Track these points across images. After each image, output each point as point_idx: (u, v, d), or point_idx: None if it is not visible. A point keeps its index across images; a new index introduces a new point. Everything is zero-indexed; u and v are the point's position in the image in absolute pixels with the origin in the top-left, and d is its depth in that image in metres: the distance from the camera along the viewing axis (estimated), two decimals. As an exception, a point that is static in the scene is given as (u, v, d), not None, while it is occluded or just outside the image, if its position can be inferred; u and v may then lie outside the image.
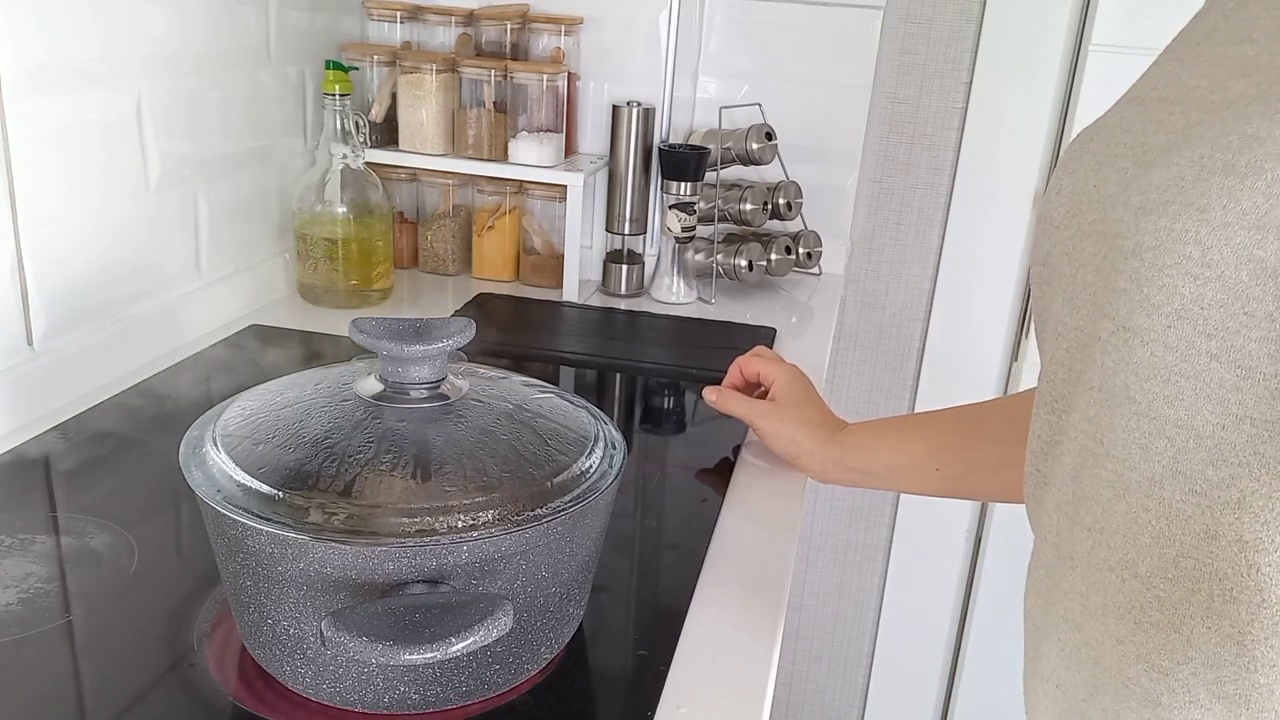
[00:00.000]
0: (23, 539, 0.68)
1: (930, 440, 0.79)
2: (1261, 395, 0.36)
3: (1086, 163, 0.43)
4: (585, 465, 0.56)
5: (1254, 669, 0.37)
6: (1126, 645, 0.41)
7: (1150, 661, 0.40)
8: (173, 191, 1.00)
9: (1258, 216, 0.35)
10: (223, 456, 0.54)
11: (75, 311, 0.90)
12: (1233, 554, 0.37)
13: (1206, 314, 0.36)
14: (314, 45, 1.22)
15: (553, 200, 1.31)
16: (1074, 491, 0.44)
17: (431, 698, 0.53)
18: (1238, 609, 0.37)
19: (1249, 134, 0.36)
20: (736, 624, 0.65)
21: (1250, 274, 0.35)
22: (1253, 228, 0.35)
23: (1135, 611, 0.41)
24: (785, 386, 0.86)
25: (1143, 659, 0.41)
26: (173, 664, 0.57)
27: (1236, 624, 0.37)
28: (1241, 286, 0.35)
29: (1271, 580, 0.37)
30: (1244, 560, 0.37)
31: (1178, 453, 0.38)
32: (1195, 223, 0.37)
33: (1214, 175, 0.37)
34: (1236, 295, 0.35)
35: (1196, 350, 0.37)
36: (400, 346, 0.56)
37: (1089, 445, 0.43)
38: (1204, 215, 0.36)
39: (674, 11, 1.32)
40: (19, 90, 0.80)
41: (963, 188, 1.43)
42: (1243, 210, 0.35)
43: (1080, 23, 1.34)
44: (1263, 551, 0.37)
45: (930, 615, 1.64)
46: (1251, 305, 0.35)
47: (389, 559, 0.49)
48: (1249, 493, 0.36)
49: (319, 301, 1.17)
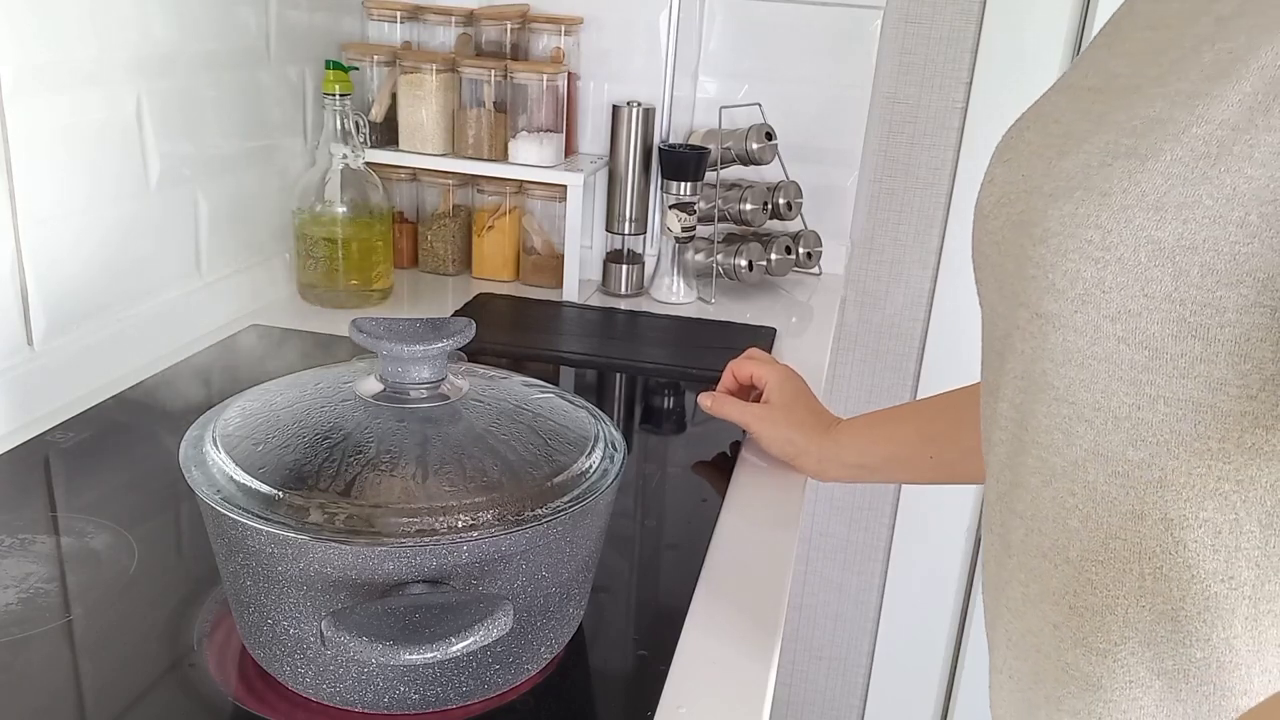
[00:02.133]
0: (23, 539, 0.68)
1: (923, 429, 0.79)
2: (1170, 375, 0.36)
3: (1021, 151, 0.43)
4: (585, 465, 0.56)
5: (1189, 644, 0.38)
6: (1063, 630, 0.42)
7: (1088, 645, 0.41)
8: (173, 191, 1.00)
9: (1156, 198, 0.35)
10: (223, 456, 0.54)
11: (75, 311, 0.90)
12: (1159, 532, 0.38)
13: (1108, 297, 0.37)
14: (314, 45, 1.22)
15: (553, 200, 1.31)
16: (1009, 480, 0.44)
17: (431, 698, 0.53)
18: (1169, 586, 0.38)
19: (1151, 117, 0.37)
20: (736, 624, 0.65)
21: (1148, 255, 0.35)
22: (1151, 209, 0.35)
23: (1070, 596, 0.41)
24: (777, 388, 0.86)
25: (1080, 643, 0.41)
26: (173, 664, 0.57)
27: (1169, 601, 0.38)
28: (1140, 268, 0.36)
29: (1199, 556, 0.37)
30: (1170, 538, 0.37)
31: (1098, 436, 0.39)
32: (1097, 207, 0.37)
33: (1117, 160, 0.37)
34: (1136, 277, 0.36)
35: (1104, 334, 0.37)
36: (400, 346, 0.56)
37: (1016, 433, 0.43)
38: (1105, 200, 0.37)
39: (674, 11, 1.32)
40: (19, 90, 0.80)
41: (963, 188, 1.42)
42: (1142, 192, 0.36)
43: (1080, 23, 1.34)
44: (1188, 528, 0.37)
45: (930, 615, 1.64)
46: (1150, 287, 0.35)
47: (389, 559, 0.49)
48: (1170, 471, 0.37)
49: (319, 301, 1.17)
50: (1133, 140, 0.37)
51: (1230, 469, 0.36)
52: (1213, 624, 0.37)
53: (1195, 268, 0.34)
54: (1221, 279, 0.34)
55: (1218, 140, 0.34)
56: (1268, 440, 0.35)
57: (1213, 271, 0.34)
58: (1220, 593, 0.37)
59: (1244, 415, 0.35)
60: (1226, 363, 0.35)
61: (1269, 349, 0.34)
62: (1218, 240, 0.34)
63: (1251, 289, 0.34)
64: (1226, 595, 0.37)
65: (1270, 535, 0.36)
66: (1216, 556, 0.37)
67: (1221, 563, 0.37)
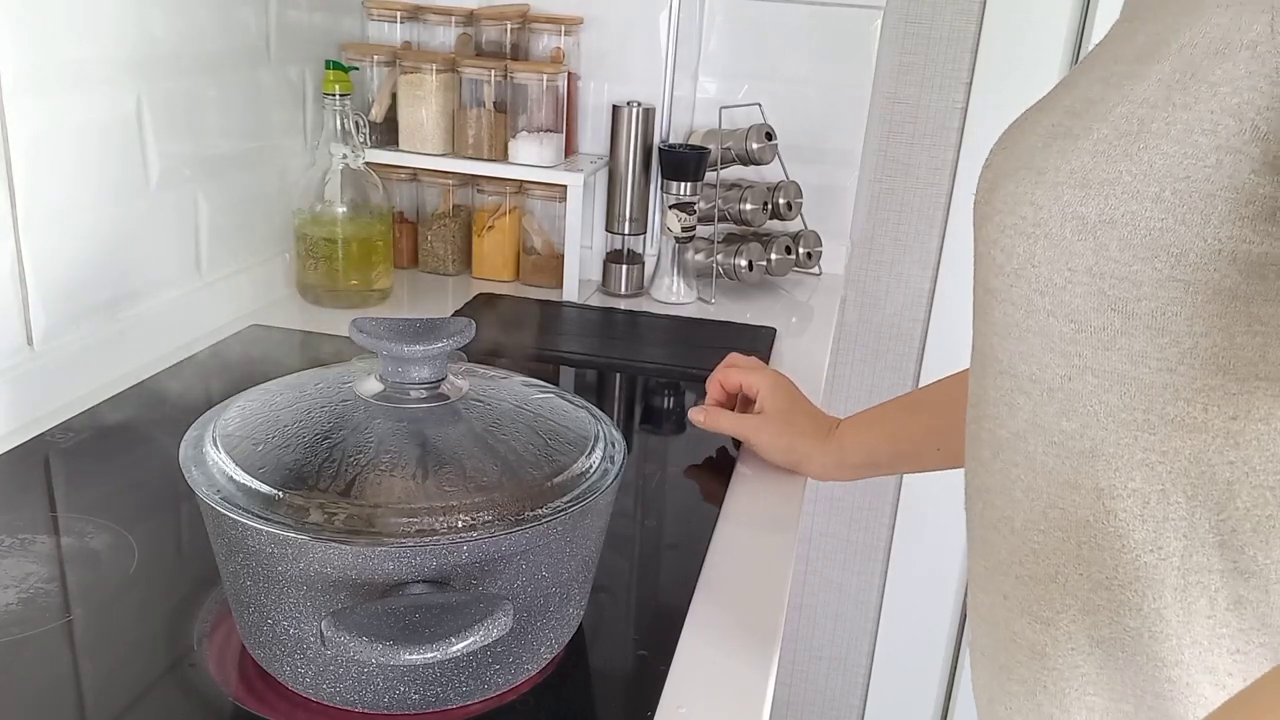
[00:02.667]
0: (23, 539, 0.68)
1: (928, 423, 0.79)
2: (1095, 347, 0.37)
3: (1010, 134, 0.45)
4: (585, 465, 0.56)
5: (1123, 613, 0.39)
6: (1012, 600, 0.43)
7: (1033, 614, 0.42)
8: (173, 191, 1.00)
9: (1084, 174, 0.36)
10: (222, 456, 0.54)
11: (75, 311, 0.90)
12: (1091, 501, 0.39)
13: (1038, 271, 0.38)
14: (314, 45, 1.22)
15: (553, 200, 1.31)
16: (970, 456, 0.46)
17: (431, 698, 0.53)
18: (1102, 555, 0.39)
19: (1088, 98, 0.38)
20: (736, 624, 0.65)
21: (1073, 230, 0.37)
22: (1078, 185, 0.37)
23: (1015, 565, 0.42)
24: (770, 395, 0.85)
25: (1026, 611, 0.42)
26: (173, 664, 0.57)
27: (1103, 569, 0.39)
28: (1065, 243, 0.37)
29: (1128, 526, 0.38)
30: (1102, 507, 0.38)
31: (1035, 407, 0.40)
32: (1032, 185, 0.38)
33: (1056, 140, 0.38)
34: (1061, 251, 0.37)
35: (1035, 307, 0.39)
36: (400, 346, 0.56)
37: (973, 410, 0.45)
38: (1040, 178, 0.38)
39: (674, 11, 1.32)
40: (19, 90, 0.80)
41: (962, 188, 1.42)
42: (1071, 170, 0.37)
43: (1080, 23, 1.34)
44: (1118, 498, 0.38)
45: (930, 615, 1.64)
46: (1074, 260, 0.37)
47: (389, 559, 0.49)
48: (1099, 441, 0.38)
49: (319, 301, 1.17)
50: (1070, 121, 0.38)
51: (1155, 440, 0.37)
52: (1143, 594, 0.38)
53: (1114, 242, 0.35)
54: (1138, 253, 0.35)
55: (1138, 118, 0.35)
56: (1188, 412, 0.36)
57: (1130, 246, 0.35)
58: (1149, 562, 0.38)
59: (1165, 388, 0.36)
60: (1145, 336, 0.36)
61: (1183, 323, 0.35)
62: (1135, 215, 0.35)
63: (1166, 263, 0.34)
64: (1155, 565, 0.38)
65: (1195, 507, 0.37)
66: (1145, 526, 0.38)
67: (1150, 533, 0.38)
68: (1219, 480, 0.36)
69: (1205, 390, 0.36)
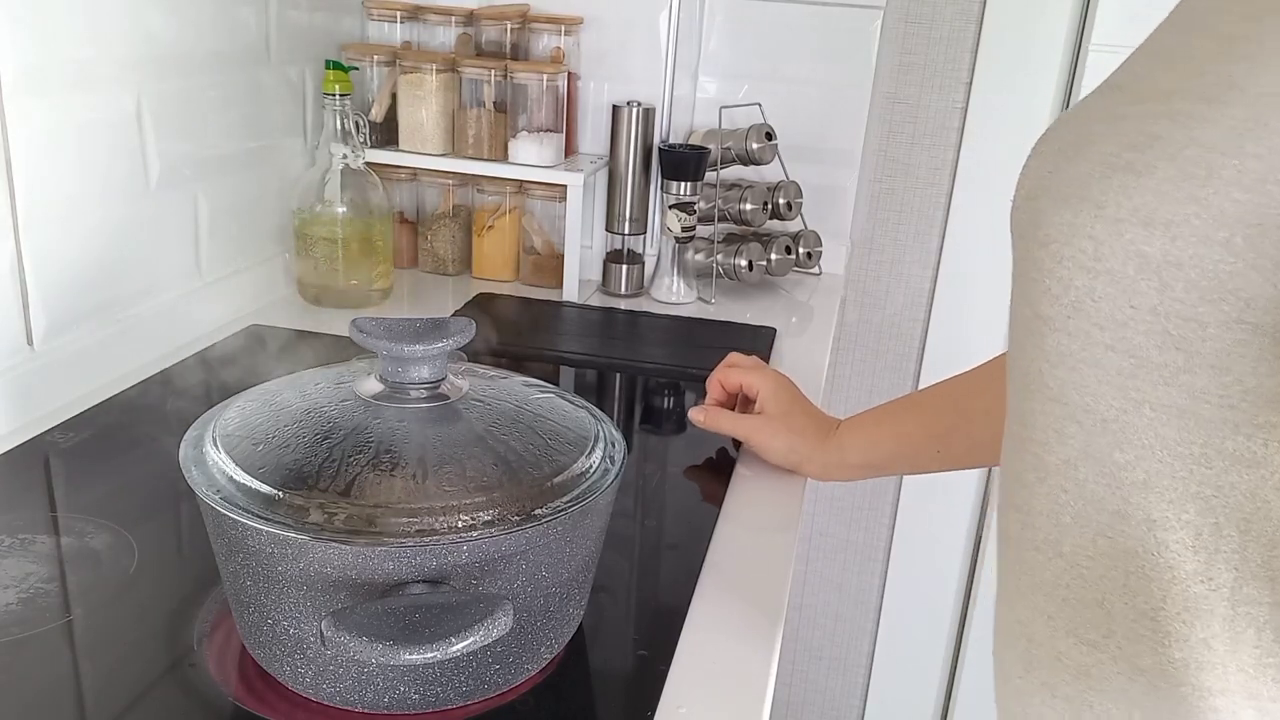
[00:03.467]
0: (23, 539, 0.68)
1: (928, 425, 0.79)
2: (1155, 382, 0.37)
3: (1052, 145, 0.44)
4: (585, 465, 0.56)
5: (1168, 644, 0.39)
6: (1057, 621, 0.43)
7: (1079, 635, 0.42)
8: (173, 191, 1.00)
9: (1147, 213, 0.36)
10: (222, 456, 0.54)
11: (75, 311, 0.90)
12: (1142, 532, 0.39)
13: (1098, 306, 0.38)
14: (314, 45, 1.22)
15: (553, 200, 1.31)
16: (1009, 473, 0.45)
17: (431, 698, 0.53)
18: (1150, 585, 0.39)
19: (1152, 133, 0.38)
20: (736, 624, 0.65)
21: (1136, 269, 0.36)
22: (1141, 224, 0.36)
23: (1062, 588, 0.42)
24: (771, 396, 0.85)
25: (1072, 633, 0.42)
26: (173, 664, 0.57)
27: (1150, 600, 0.39)
28: (1128, 281, 0.37)
29: (1180, 557, 0.38)
30: (1153, 538, 0.38)
31: (1088, 437, 0.40)
32: (1092, 218, 0.38)
33: (1116, 173, 0.38)
34: (1123, 289, 0.37)
35: (1093, 341, 0.38)
36: (400, 346, 0.56)
37: (1016, 429, 0.44)
38: (1100, 211, 0.38)
39: (674, 11, 1.32)
40: (19, 90, 0.80)
41: (963, 188, 1.42)
42: (1134, 207, 0.37)
43: (1080, 23, 1.34)
44: (1170, 529, 0.38)
45: (930, 615, 1.64)
46: (1136, 299, 0.37)
47: (389, 559, 0.49)
48: (1153, 474, 0.38)
49: (319, 301, 1.17)
50: (1132, 155, 0.38)
51: (1211, 474, 0.37)
52: (1191, 624, 0.38)
53: (1180, 283, 0.35)
54: (1204, 295, 0.35)
55: (1207, 163, 0.35)
56: (1247, 447, 0.36)
57: (1196, 288, 0.35)
58: (1200, 593, 0.38)
59: (1224, 423, 0.36)
60: (1207, 374, 0.36)
61: (1248, 364, 0.35)
62: (1202, 259, 0.35)
63: (1234, 307, 0.34)
64: (1206, 596, 0.38)
65: (1248, 541, 0.37)
66: (1197, 557, 0.38)
67: (1202, 564, 0.38)
68: (1273, 515, 0.36)
69: (1265, 426, 0.36)
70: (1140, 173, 0.37)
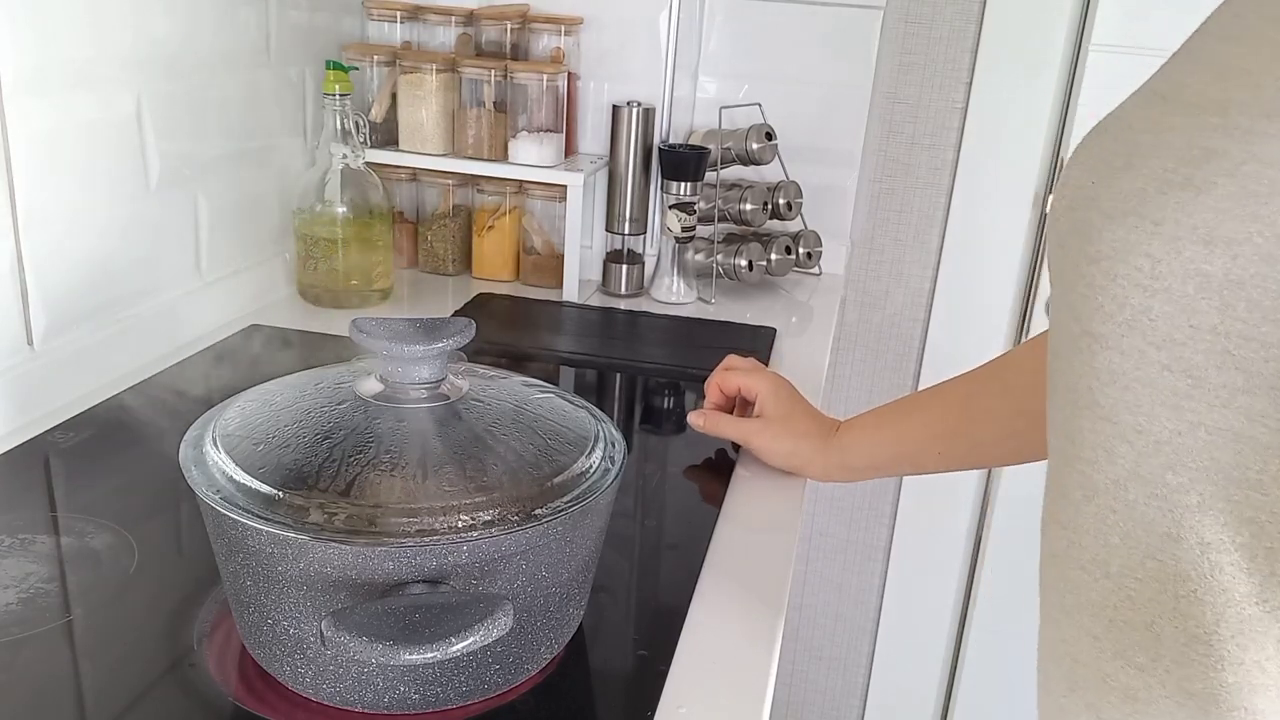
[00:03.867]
0: (23, 539, 0.68)
1: (929, 426, 0.79)
2: (1212, 403, 0.36)
3: (1093, 153, 0.43)
4: (585, 465, 0.56)
5: (1221, 668, 0.38)
6: (1103, 642, 0.42)
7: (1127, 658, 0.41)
8: (173, 191, 1.00)
9: (1207, 231, 0.35)
10: (222, 456, 0.54)
11: (75, 311, 0.90)
12: (1195, 555, 0.38)
13: (1154, 325, 0.37)
14: (314, 45, 1.22)
15: (553, 200, 1.31)
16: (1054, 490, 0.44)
17: (431, 698, 0.53)
18: (1203, 609, 0.38)
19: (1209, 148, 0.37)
20: (736, 623, 0.65)
21: (1196, 288, 0.36)
22: (1201, 242, 0.35)
23: (1109, 610, 0.41)
24: (770, 399, 0.84)
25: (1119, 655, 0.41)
26: (173, 664, 0.57)
27: (1202, 624, 0.38)
28: (1187, 300, 0.36)
29: (1234, 580, 0.37)
30: (1207, 561, 0.37)
31: (1139, 457, 0.39)
32: (1148, 235, 0.37)
33: (1172, 189, 0.37)
34: (1182, 308, 0.36)
35: (1148, 360, 0.37)
36: (400, 346, 0.56)
37: (1063, 445, 0.43)
38: (1157, 229, 0.37)
39: (674, 11, 1.32)
40: (19, 90, 0.80)
41: (963, 188, 1.42)
42: (1194, 225, 0.36)
43: (1080, 23, 1.34)
44: (1224, 552, 0.37)
45: (930, 615, 1.64)
46: (1196, 318, 0.36)
47: (389, 559, 0.49)
48: (1208, 496, 0.37)
49: (319, 301, 1.17)
50: (1189, 170, 0.37)
51: (1267, 500, 0.36)
52: (1245, 647, 0.37)
53: (1242, 303, 0.35)
54: (1267, 315, 0.34)
55: (1269, 180, 0.34)
56: None
57: (1259, 307, 0.34)
58: (1254, 615, 0.37)
59: None
60: (1268, 396, 0.35)
61: None
62: (1265, 278, 0.34)
63: None
64: (1261, 618, 0.37)
65: None
66: (1251, 580, 0.37)
67: (1256, 586, 0.37)
68: None
69: None
70: (1199, 189, 0.36)
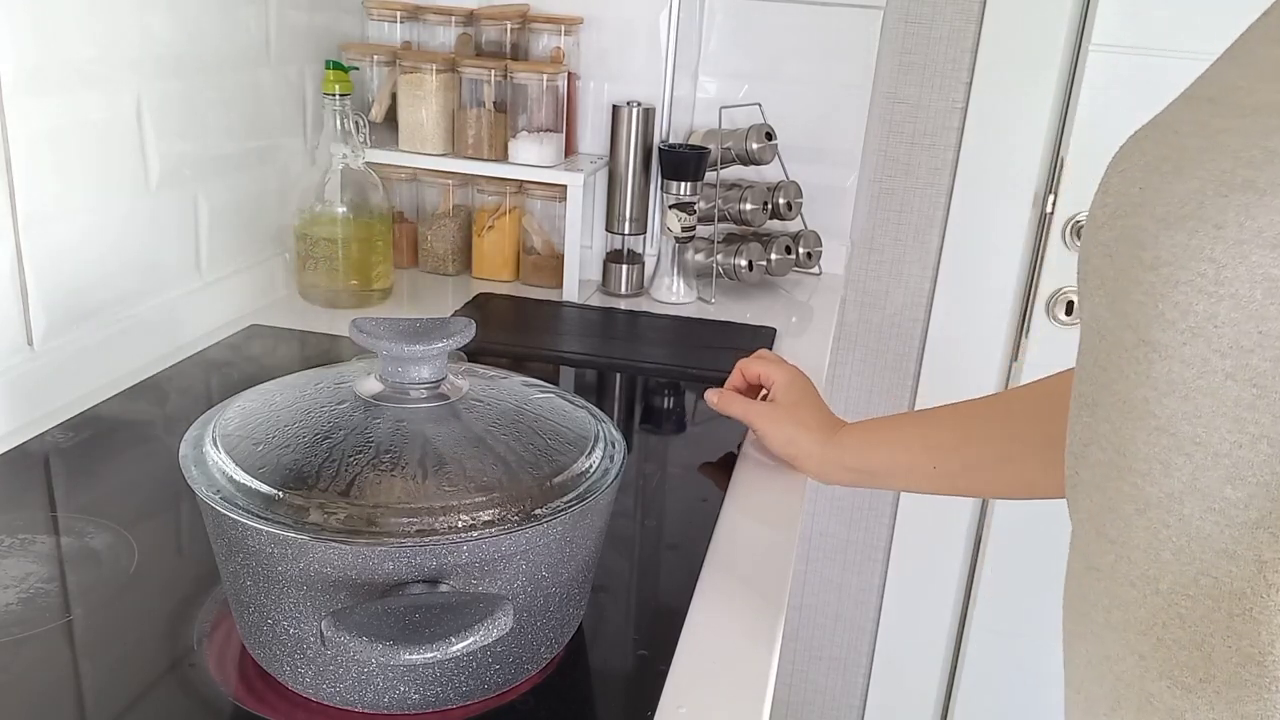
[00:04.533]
0: (23, 539, 0.68)
1: (927, 438, 0.79)
2: (1276, 415, 0.35)
3: (1136, 162, 0.42)
4: (585, 465, 0.56)
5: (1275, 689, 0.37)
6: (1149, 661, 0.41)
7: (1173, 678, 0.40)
8: (173, 191, 1.00)
9: (1273, 235, 0.34)
10: (222, 456, 0.54)
11: (75, 311, 0.90)
12: (1251, 573, 0.37)
13: (1220, 332, 0.36)
14: (314, 45, 1.22)
15: (553, 200, 1.31)
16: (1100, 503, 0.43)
17: (431, 698, 0.53)
18: (1258, 629, 0.37)
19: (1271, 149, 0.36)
20: (736, 624, 0.65)
21: (1264, 293, 0.35)
22: (1268, 246, 0.34)
23: (1158, 628, 0.40)
24: (784, 388, 0.87)
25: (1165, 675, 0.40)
26: (173, 664, 0.57)
27: (1256, 644, 0.37)
28: (1255, 305, 0.35)
29: None
30: (1263, 580, 0.36)
31: (1196, 470, 0.38)
32: (1211, 240, 0.36)
33: (1234, 192, 0.36)
34: (1250, 314, 0.35)
35: (1211, 368, 0.36)
36: (400, 346, 0.56)
37: (1113, 457, 0.42)
38: (1220, 232, 0.36)
39: (674, 11, 1.32)
40: (19, 90, 0.80)
41: (963, 188, 1.42)
42: (1259, 228, 0.35)
43: (1080, 23, 1.34)
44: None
45: (930, 615, 1.64)
46: (1266, 324, 0.35)
47: (389, 559, 0.49)
48: (1267, 513, 0.36)
49: (319, 301, 1.17)
50: (1251, 172, 0.36)
51: None
52: None
53: None
54: None
55: None
56: None
57: None
58: None
59: None
60: None
61: None
62: None
63: None
64: None
65: None
66: None
67: None
68: None
69: None
70: (1263, 191, 0.35)
